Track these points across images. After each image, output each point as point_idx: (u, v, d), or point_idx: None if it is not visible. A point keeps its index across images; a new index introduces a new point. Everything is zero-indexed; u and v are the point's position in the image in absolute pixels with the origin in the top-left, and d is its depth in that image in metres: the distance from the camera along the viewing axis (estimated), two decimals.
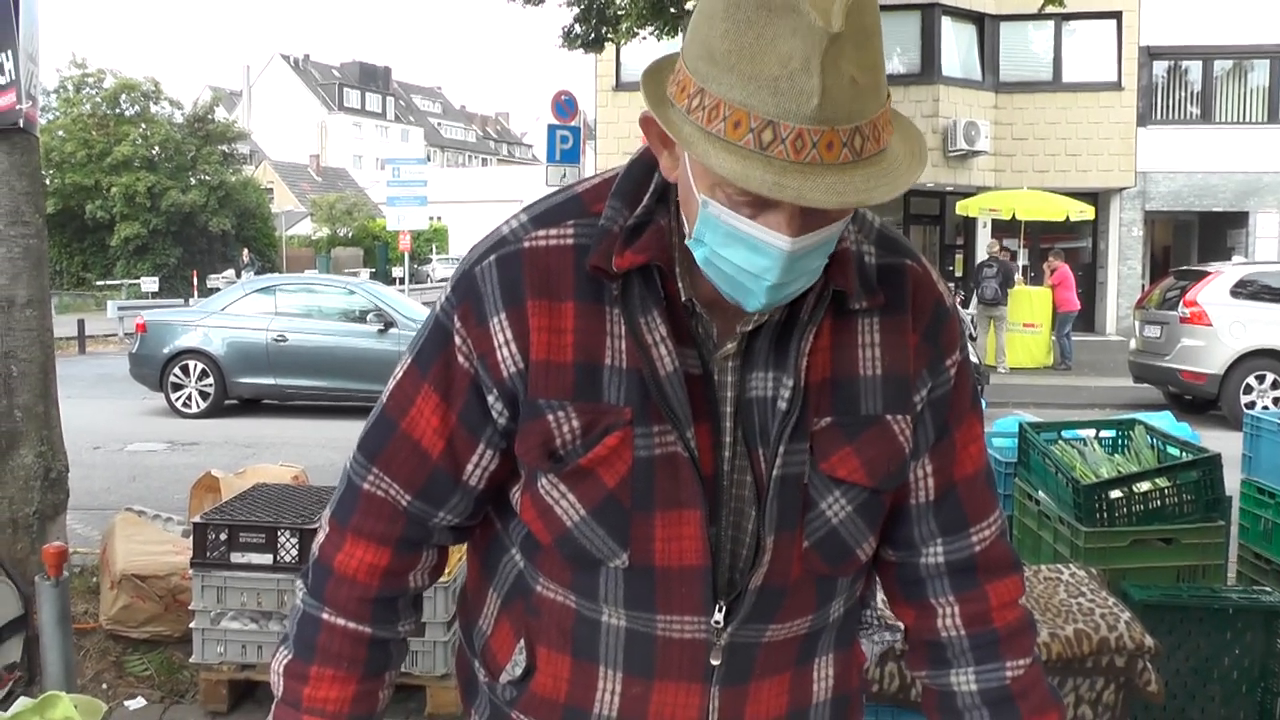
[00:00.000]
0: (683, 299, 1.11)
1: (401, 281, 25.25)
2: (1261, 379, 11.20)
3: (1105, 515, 3.42)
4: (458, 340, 1.14)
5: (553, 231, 1.13)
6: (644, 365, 1.09)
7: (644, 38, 16.35)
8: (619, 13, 15.92)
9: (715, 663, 1.16)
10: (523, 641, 1.23)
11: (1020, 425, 4.08)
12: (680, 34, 17.44)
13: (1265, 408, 10.83)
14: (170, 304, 20.71)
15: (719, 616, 1.14)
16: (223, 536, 3.75)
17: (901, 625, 1.33)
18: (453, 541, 1.27)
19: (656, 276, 1.10)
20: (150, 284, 27.25)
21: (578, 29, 16.73)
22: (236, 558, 3.73)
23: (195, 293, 27.71)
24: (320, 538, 1.24)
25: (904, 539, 1.25)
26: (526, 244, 1.12)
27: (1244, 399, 11.14)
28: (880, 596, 1.36)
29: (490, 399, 1.14)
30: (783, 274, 1.01)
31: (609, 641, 1.18)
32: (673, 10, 15.73)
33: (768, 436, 1.12)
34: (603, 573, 1.14)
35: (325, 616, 1.22)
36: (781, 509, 1.12)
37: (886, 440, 1.15)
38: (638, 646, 1.17)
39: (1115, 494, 3.45)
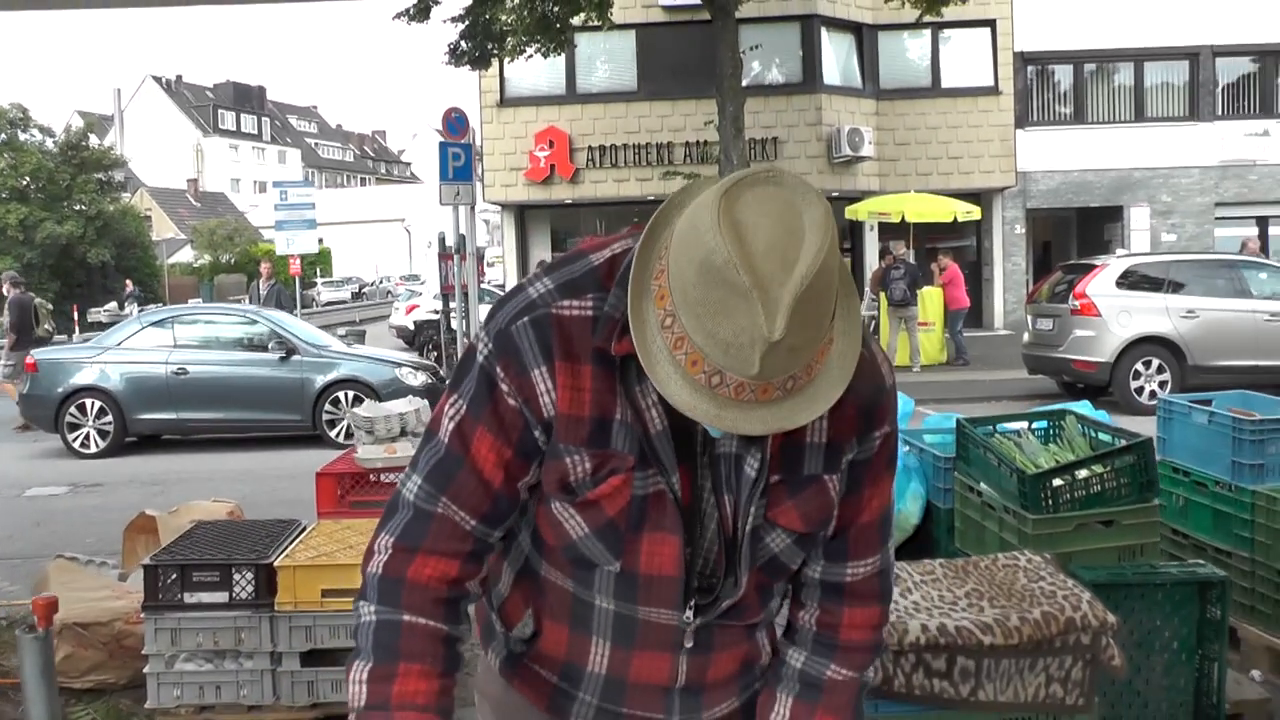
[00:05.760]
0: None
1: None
2: (1148, 364, 11.73)
3: (1050, 502, 3.58)
4: (504, 387, 1.35)
5: (575, 303, 1.34)
6: (637, 425, 1.33)
7: (530, 55, 16.32)
8: (504, 28, 15.84)
9: (688, 645, 1.45)
10: (530, 610, 1.50)
11: (958, 421, 4.22)
12: (565, 51, 17.45)
13: (1153, 392, 11.37)
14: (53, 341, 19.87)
15: (689, 614, 1.42)
16: (174, 577, 3.66)
17: None
18: (500, 551, 1.50)
19: None
20: None
21: (464, 46, 16.63)
22: (189, 598, 3.64)
23: (77, 328, 26.68)
24: (382, 559, 1.39)
25: None
26: (554, 311, 1.33)
27: (1133, 384, 11.68)
28: None
29: (536, 432, 1.36)
30: (724, 439, 1.34)
31: (600, 620, 1.46)
32: (558, 26, 15.72)
33: (732, 485, 1.38)
34: (598, 572, 1.42)
35: (405, 618, 1.36)
36: (751, 552, 1.40)
37: (821, 496, 1.41)
38: (623, 625, 1.45)
39: (1058, 482, 3.60)
